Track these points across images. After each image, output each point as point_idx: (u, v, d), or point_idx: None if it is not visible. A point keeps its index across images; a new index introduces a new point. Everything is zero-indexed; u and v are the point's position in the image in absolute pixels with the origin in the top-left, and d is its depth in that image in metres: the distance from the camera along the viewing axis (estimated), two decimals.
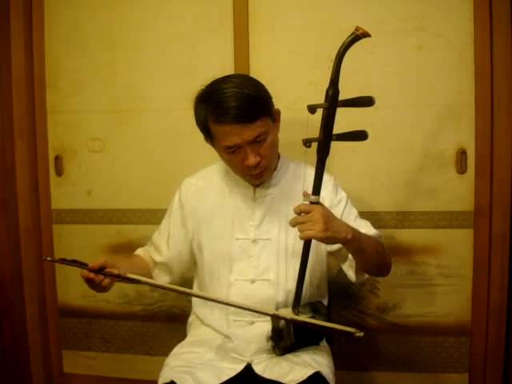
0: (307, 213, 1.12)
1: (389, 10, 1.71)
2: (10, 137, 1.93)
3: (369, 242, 1.23)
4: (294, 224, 1.13)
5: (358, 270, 1.30)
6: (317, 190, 1.15)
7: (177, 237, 1.41)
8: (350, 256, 1.29)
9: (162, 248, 1.42)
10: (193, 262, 1.44)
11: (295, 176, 1.36)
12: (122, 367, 2.04)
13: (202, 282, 1.39)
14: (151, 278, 1.40)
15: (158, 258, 1.43)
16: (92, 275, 1.16)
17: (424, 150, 1.75)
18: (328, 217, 1.13)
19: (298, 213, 1.14)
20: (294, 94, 1.77)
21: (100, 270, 1.17)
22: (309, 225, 1.10)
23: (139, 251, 1.48)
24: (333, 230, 1.12)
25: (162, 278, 1.43)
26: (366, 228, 1.33)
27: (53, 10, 1.92)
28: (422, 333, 1.83)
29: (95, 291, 1.22)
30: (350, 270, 1.32)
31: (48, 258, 1.28)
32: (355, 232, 1.18)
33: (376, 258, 1.27)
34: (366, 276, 1.34)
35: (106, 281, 1.18)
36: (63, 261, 1.19)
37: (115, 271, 1.18)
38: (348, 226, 1.18)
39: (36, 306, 2.01)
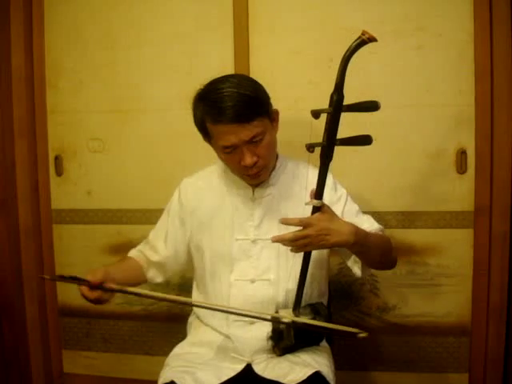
0: (307, 226, 1.11)
1: (389, 10, 1.71)
2: (10, 137, 1.93)
3: (372, 241, 1.22)
4: (302, 245, 1.13)
5: (363, 266, 1.29)
6: (319, 194, 1.14)
7: (175, 236, 1.41)
8: None
9: (159, 247, 1.42)
10: (189, 263, 1.43)
11: (294, 175, 1.35)
12: (122, 367, 2.04)
13: (203, 282, 1.39)
14: (145, 279, 1.43)
15: (154, 258, 1.42)
16: (91, 295, 1.17)
17: (424, 150, 1.75)
18: (328, 226, 1.12)
19: (297, 224, 1.12)
20: (294, 93, 1.77)
21: (99, 285, 1.17)
22: (316, 239, 1.11)
23: (132, 252, 1.47)
24: (336, 236, 1.12)
25: (157, 279, 1.45)
26: (368, 223, 1.32)
27: (53, 10, 1.92)
28: (422, 333, 1.83)
29: (94, 304, 1.23)
30: (355, 265, 1.31)
31: (46, 277, 1.29)
32: (358, 235, 1.15)
33: (380, 255, 1.26)
34: (372, 271, 1.33)
35: (105, 296, 1.19)
36: (62, 278, 1.18)
37: (114, 286, 1.19)
38: (350, 229, 1.15)
39: (36, 306, 2.01)
